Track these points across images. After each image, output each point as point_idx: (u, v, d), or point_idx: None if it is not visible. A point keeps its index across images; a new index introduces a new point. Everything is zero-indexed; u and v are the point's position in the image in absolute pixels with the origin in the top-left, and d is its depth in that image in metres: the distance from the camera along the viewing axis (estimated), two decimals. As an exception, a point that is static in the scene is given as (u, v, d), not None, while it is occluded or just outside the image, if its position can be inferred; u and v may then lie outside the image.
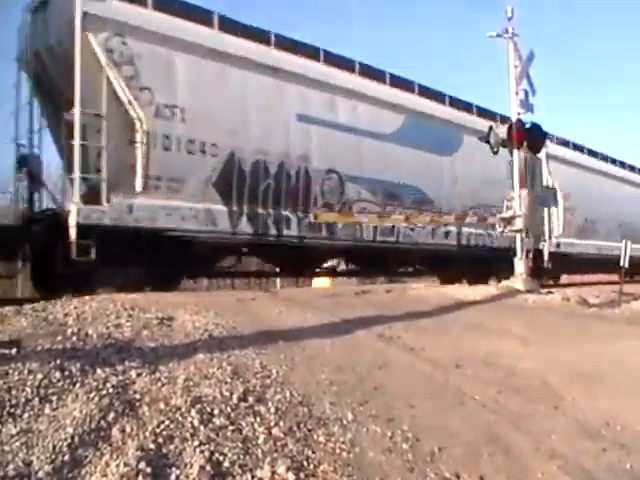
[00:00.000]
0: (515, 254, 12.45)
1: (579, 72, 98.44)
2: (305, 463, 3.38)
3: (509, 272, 12.55)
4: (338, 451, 3.55)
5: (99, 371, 4.21)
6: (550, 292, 11.62)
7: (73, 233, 8.73)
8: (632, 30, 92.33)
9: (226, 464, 3.26)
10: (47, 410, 3.60)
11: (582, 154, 21.05)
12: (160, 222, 9.71)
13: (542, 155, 14.25)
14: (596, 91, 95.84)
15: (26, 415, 3.52)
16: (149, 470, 3.08)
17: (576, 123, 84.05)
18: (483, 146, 13.01)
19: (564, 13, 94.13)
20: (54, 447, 3.21)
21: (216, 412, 3.79)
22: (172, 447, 3.36)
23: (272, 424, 3.75)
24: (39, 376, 3.95)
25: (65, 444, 3.24)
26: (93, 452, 3.23)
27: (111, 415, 3.59)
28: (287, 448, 3.51)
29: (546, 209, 14.58)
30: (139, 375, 4.25)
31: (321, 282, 18.27)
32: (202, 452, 3.32)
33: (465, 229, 15.27)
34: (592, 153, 21.81)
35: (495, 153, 13.04)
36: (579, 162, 20.30)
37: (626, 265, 12.69)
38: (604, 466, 3.76)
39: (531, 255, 12.79)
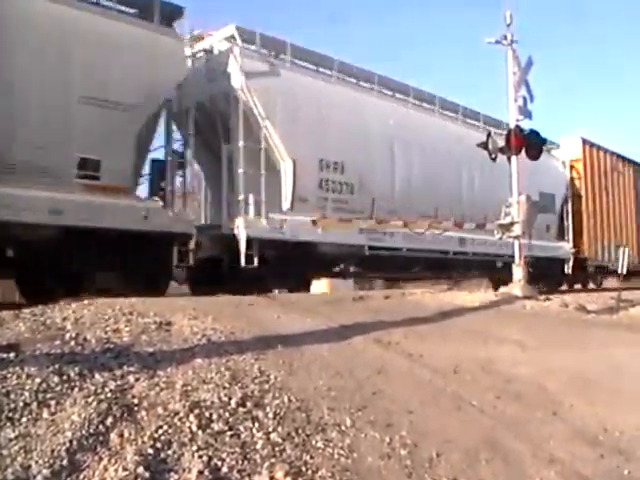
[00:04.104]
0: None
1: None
2: (303, 468, 3.37)
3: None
4: (336, 456, 3.55)
5: (97, 376, 4.21)
6: (548, 298, 11.61)
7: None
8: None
9: (224, 469, 3.26)
10: (45, 414, 3.60)
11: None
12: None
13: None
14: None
15: (24, 419, 3.52)
16: (147, 475, 3.08)
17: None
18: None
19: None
20: (52, 451, 3.21)
21: (214, 417, 3.79)
22: (170, 452, 3.36)
23: (270, 429, 3.75)
24: (37, 380, 3.95)
25: (64, 448, 3.24)
26: (91, 456, 3.23)
27: (109, 420, 3.59)
28: (285, 453, 3.50)
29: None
30: (137, 380, 4.25)
31: (319, 287, 18.27)
32: (200, 457, 3.32)
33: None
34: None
35: (493, 160, 13.05)
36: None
37: (624, 272, 12.72)
38: (602, 472, 3.75)
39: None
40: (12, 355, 4.41)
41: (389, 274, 17.03)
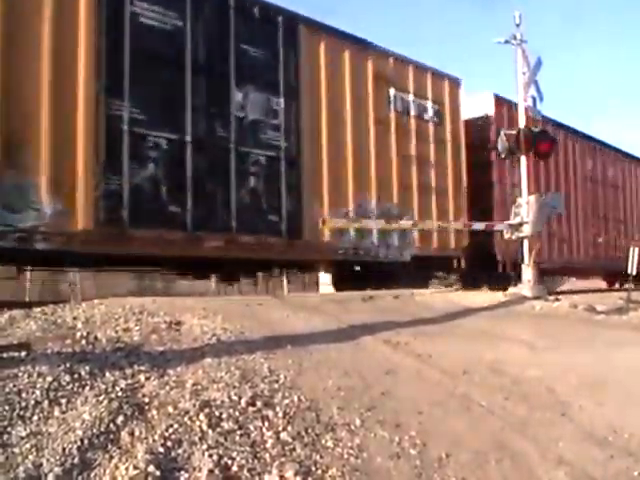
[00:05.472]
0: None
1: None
2: (313, 468, 3.39)
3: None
4: (346, 456, 3.56)
5: (108, 374, 4.24)
6: (557, 299, 11.57)
7: None
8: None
9: (234, 468, 3.28)
10: (57, 413, 3.63)
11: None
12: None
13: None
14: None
15: (36, 417, 3.55)
16: (158, 473, 3.10)
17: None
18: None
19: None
20: (64, 449, 3.24)
21: (224, 416, 3.81)
22: (181, 451, 3.38)
23: (280, 428, 3.77)
24: (49, 379, 3.99)
25: (75, 447, 3.27)
26: (102, 455, 3.25)
27: (120, 418, 3.61)
28: (295, 452, 3.52)
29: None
30: (148, 379, 4.28)
31: (327, 287, 18.22)
32: (211, 456, 3.34)
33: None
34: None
35: (503, 159, 13.00)
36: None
37: (634, 272, 12.68)
38: (612, 473, 3.75)
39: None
40: (23, 354, 4.44)
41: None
